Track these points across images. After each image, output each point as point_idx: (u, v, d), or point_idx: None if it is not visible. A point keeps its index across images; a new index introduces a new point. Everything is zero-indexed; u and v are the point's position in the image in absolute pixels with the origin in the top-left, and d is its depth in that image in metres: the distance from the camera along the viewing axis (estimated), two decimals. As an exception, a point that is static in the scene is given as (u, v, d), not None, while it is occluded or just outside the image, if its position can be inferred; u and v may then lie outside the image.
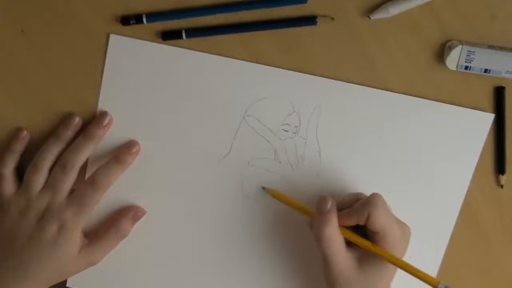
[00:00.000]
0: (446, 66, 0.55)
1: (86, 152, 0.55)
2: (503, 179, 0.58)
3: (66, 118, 0.56)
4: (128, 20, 0.55)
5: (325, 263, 0.52)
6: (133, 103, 0.57)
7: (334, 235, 0.52)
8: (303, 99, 0.57)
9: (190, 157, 0.57)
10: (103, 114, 0.56)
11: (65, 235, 0.53)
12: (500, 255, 0.60)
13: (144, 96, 0.56)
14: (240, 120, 0.57)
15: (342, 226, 0.53)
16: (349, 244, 0.53)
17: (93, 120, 0.56)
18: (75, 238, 0.54)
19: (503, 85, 0.56)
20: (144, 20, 0.55)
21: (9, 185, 0.55)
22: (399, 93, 0.56)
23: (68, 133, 0.56)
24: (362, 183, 0.58)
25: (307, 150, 0.57)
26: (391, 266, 0.52)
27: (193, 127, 0.57)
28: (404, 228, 0.54)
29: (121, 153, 0.56)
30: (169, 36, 0.55)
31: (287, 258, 0.59)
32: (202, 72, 0.56)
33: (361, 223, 0.52)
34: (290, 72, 0.56)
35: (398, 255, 0.52)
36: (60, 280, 0.55)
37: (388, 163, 0.58)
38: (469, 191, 0.58)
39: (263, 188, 0.57)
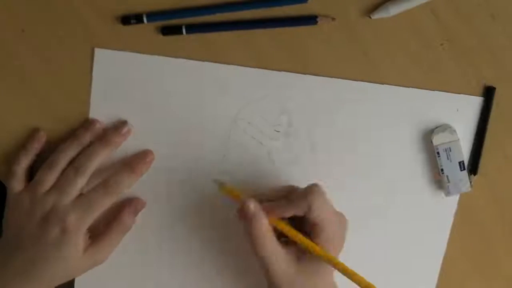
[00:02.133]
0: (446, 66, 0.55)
1: (100, 158, 0.55)
2: (474, 179, 0.58)
3: (86, 122, 0.56)
4: (129, 19, 0.55)
5: (262, 266, 0.50)
6: (123, 114, 0.56)
7: (264, 238, 0.50)
8: (293, 99, 0.57)
9: (184, 164, 0.57)
10: (123, 122, 0.56)
11: (67, 238, 0.53)
12: (500, 255, 0.60)
13: (133, 107, 0.56)
14: (232, 124, 0.57)
15: (278, 220, 0.51)
16: (285, 244, 0.51)
17: (112, 127, 0.56)
18: (78, 241, 0.53)
19: (495, 86, 0.57)
20: (145, 20, 0.55)
21: (19, 183, 0.55)
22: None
23: (87, 137, 0.55)
24: (357, 180, 0.58)
25: (300, 148, 0.57)
26: None
27: (185, 134, 0.57)
28: (341, 218, 0.52)
29: (135, 162, 0.56)
30: (169, 31, 0.55)
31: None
32: (190, 79, 0.56)
33: (300, 213, 0.50)
34: (277, 72, 0.56)
35: (337, 247, 0.51)
36: (66, 280, 0.55)
37: (383, 158, 0.58)
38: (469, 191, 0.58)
39: (215, 180, 0.55)
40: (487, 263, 0.60)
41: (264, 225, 0.50)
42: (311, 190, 0.50)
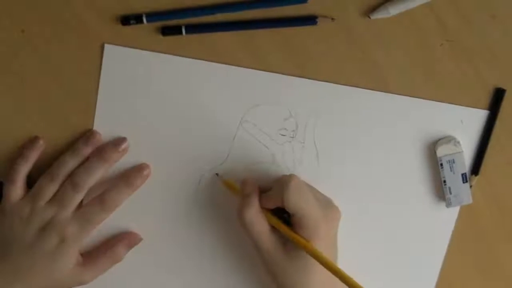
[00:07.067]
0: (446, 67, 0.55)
1: (98, 173, 0.55)
2: (475, 180, 0.58)
3: (86, 134, 0.56)
4: (128, 20, 0.55)
5: (253, 247, 0.53)
6: (129, 113, 0.56)
7: (255, 218, 0.52)
8: (299, 103, 0.57)
9: (188, 164, 0.57)
10: (121, 139, 0.56)
11: (63, 250, 0.53)
12: (500, 255, 0.60)
13: (140, 105, 0.56)
14: (237, 126, 0.57)
15: (266, 209, 0.53)
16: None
17: (110, 143, 0.56)
18: (73, 254, 0.54)
19: (505, 88, 0.56)
20: (144, 20, 0.55)
21: (17, 191, 0.55)
22: (398, 93, 0.57)
23: (88, 149, 0.56)
24: (358, 188, 0.58)
25: (304, 154, 0.57)
26: None
27: (190, 135, 0.57)
28: (327, 209, 0.53)
29: (132, 176, 0.56)
30: (169, 31, 0.55)
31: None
32: (198, 79, 0.56)
33: (280, 205, 0.51)
34: (285, 76, 0.56)
35: (324, 238, 0.51)
36: None
37: (385, 166, 0.58)
38: (469, 191, 0.58)
39: (217, 174, 0.57)
40: (488, 265, 0.60)
41: (256, 207, 0.52)
42: (282, 181, 0.51)
